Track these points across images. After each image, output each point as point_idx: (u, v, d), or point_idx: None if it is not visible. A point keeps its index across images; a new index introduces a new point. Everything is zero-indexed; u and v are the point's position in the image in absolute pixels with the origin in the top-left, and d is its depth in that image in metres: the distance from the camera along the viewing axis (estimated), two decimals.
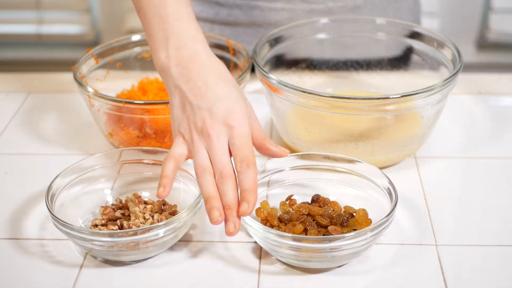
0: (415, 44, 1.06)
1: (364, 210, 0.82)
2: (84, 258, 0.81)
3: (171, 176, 0.80)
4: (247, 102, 0.84)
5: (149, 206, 0.85)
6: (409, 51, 1.09)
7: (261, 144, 0.83)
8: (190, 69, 0.82)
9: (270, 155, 0.84)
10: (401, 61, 1.11)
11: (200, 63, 0.82)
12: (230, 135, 0.79)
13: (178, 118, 0.82)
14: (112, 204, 0.88)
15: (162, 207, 0.86)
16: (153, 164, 0.90)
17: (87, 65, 1.03)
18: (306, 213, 0.82)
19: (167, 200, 0.88)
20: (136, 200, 0.87)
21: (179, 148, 0.81)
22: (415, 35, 1.06)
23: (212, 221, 0.75)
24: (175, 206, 0.86)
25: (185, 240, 0.84)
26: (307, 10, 1.15)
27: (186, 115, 0.81)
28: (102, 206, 0.86)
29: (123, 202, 0.87)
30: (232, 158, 0.79)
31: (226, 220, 0.76)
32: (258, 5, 1.15)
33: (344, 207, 0.85)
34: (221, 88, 0.81)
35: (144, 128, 0.96)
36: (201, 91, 0.81)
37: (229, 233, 0.75)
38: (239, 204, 0.77)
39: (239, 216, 0.76)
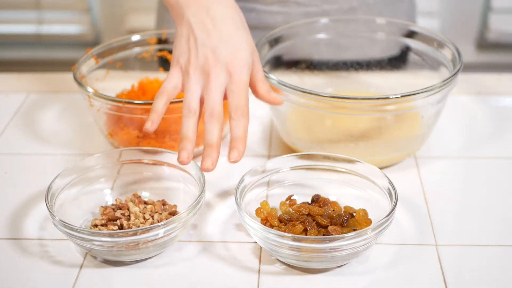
0: (415, 44, 1.06)
1: (364, 210, 0.82)
2: (84, 258, 0.81)
3: (161, 111, 0.82)
4: (250, 42, 0.85)
5: (149, 206, 0.85)
6: (409, 51, 1.09)
7: (254, 84, 0.85)
8: (199, 0, 0.84)
9: (259, 97, 0.86)
10: (401, 61, 1.11)
11: None
12: (230, 80, 0.81)
13: (180, 48, 0.83)
14: (112, 204, 0.88)
15: (162, 207, 0.86)
16: (153, 164, 0.90)
17: (87, 65, 1.03)
18: (306, 213, 0.82)
19: (167, 200, 0.88)
20: (136, 200, 0.87)
21: (173, 79, 0.83)
22: (415, 35, 1.06)
23: (179, 159, 0.79)
24: (175, 206, 0.86)
25: (185, 240, 0.84)
26: (302, 13, 1.16)
27: (189, 47, 0.82)
28: (102, 206, 0.86)
29: (123, 202, 0.87)
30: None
31: (204, 156, 0.79)
32: (254, 8, 1.16)
33: (344, 207, 0.85)
34: (228, 28, 0.83)
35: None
36: (207, 27, 0.82)
37: (205, 169, 0.79)
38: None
39: (218, 156, 0.79)
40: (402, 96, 0.88)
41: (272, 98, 0.87)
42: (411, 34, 1.07)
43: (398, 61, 1.11)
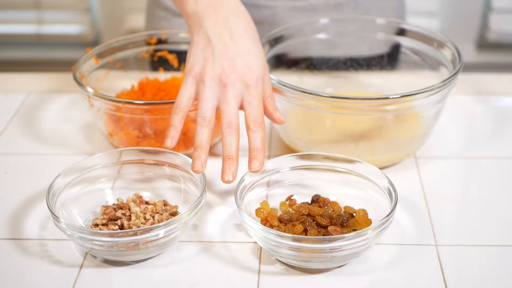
0: (415, 44, 1.06)
1: (364, 210, 0.82)
2: (84, 258, 0.81)
3: (179, 127, 0.84)
4: (263, 56, 0.86)
5: (150, 207, 0.85)
6: (409, 51, 1.09)
7: (263, 99, 0.86)
8: (218, 11, 0.85)
9: (265, 113, 0.87)
10: (401, 60, 1.11)
11: (229, 8, 0.85)
12: (246, 92, 0.83)
13: (196, 56, 0.84)
14: (114, 204, 0.88)
15: (163, 208, 0.86)
16: (154, 164, 0.90)
17: (87, 65, 1.03)
18: (306, 213, 0.82)
19: (168, 200, 0.88)
20: (138, 200, 0.87)
21: (187, 90, 0.84)
22: (415, 35, 1.06)
23: (193, 168, 0.81)
24: (175, 206, 0.86)
25: (185, 241, 0.84)
26: (289, 7, 1.16)
27: (205, 57, 0.84)
28: (103, 206, 0.86)
29: (125, 202, 0.87)
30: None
31: (225, 169, 0.80)
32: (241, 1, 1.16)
33: (344, 207, 0.85)
34: (244, 41, 0.84)
35: (144, 128, 0.96)
36: (225, 39, 0.83)
37: (227, 182, 0.80)
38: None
39: (237, 167, 0.81)
40: (402, 96, 0.88)
41: (276, 117, 0.89)
42: (412, 34, 1.07)
43: (397, 60, 1.11)
